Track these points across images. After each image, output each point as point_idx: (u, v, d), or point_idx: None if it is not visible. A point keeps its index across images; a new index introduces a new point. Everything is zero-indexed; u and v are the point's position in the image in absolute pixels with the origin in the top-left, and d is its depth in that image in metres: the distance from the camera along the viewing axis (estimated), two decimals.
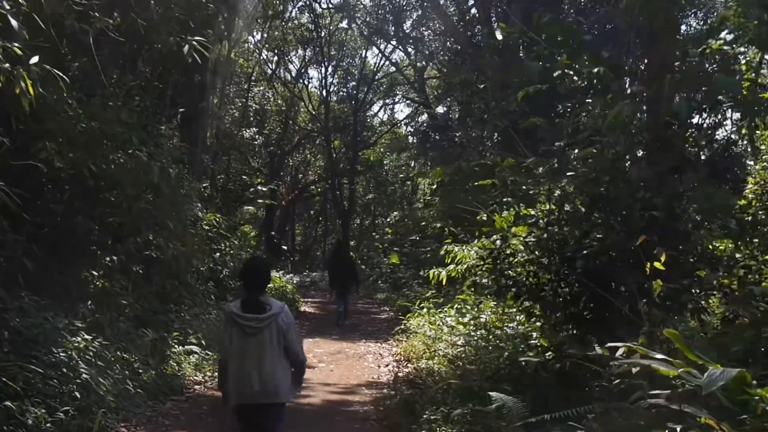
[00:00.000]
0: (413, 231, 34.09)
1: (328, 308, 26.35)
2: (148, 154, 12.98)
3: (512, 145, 28.94)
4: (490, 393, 7.66)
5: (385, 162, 50.55)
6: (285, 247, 44.65)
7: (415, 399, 10.76)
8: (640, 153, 9.67)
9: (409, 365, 14.88)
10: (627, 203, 8.62)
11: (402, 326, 18.21)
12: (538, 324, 12.04)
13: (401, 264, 32.41)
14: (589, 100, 10.43)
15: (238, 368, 6.54)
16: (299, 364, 6.90)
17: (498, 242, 10.65)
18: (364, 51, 47.59)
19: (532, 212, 10.14)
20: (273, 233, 41.60)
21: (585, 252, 8.52)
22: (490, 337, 13.68)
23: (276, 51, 42.83)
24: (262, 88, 40.41)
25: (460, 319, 15.71)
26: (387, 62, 46.62)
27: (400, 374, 14.12)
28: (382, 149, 50.30)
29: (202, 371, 13.25)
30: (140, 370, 11.28)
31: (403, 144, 50.49)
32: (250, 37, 38.27)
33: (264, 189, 25.02)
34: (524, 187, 9.79)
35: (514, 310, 13.85)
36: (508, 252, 10.38)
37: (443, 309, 17.16)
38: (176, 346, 13.24)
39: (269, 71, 43.75)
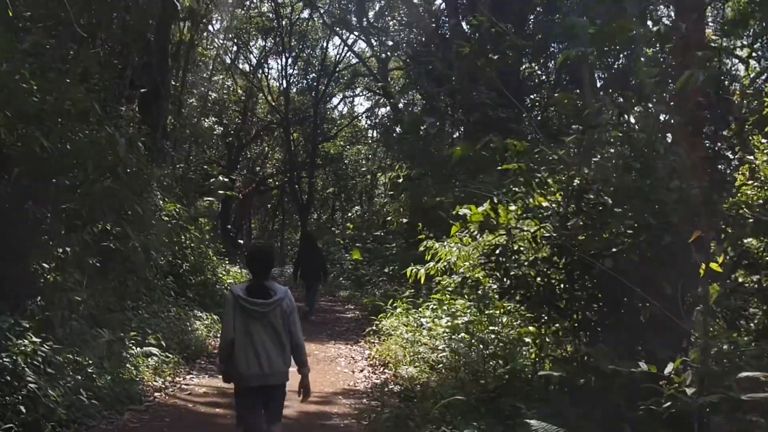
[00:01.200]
0: (377, 226, 32.97)
1: None
2: (114, 125, 11.68)
3: (480, 138, 28.25)
4: (530, 422, 6.51)
5: (344, 155, 49.40)
6: (241, 241, 43.45)
7: (407, 414, 9.64)
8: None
9: (386, 371, 13.79)
10: (661, 194, 7.54)
11: (374, 327, 17.07)
12: (531, 328, 11.12)
13: (364, 260, 31.25)
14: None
15: (244, 351, 6.73)
16: (300, 346, 7.02)
17: (503, 238, 9.51)
18: (325, 41, 46.48)
19: (545, 204, 8.93)
20: (229, 227, 40.52)
21: (614, 250, 7.43)
22: (473, 341, 12.67)
23: (236, 40, 41.72)
24: (221, 77, 39.10)
25: (436, 320, 14.72)
26: (349, 53, 45.78)
27: (378, 381, 13.06)
28: (342, 142, 49.14)
29: (162, 375, 12.04)
30: (95, 375, 10.03)
31: (363, 137, 49.67)
32: (210, 27, 37.36)
33: (225, 179, 23.71)
34: (538, 176, 8.61)
35: (499, 312, 12.99)
36: (514, 249, 9.24)
37: (418, 309, 16.13)
38: (134, 347, 12.00)
39: (228, 60, 42.60)
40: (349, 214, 45.10)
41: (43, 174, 10.18)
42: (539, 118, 33.61)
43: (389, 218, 29.96)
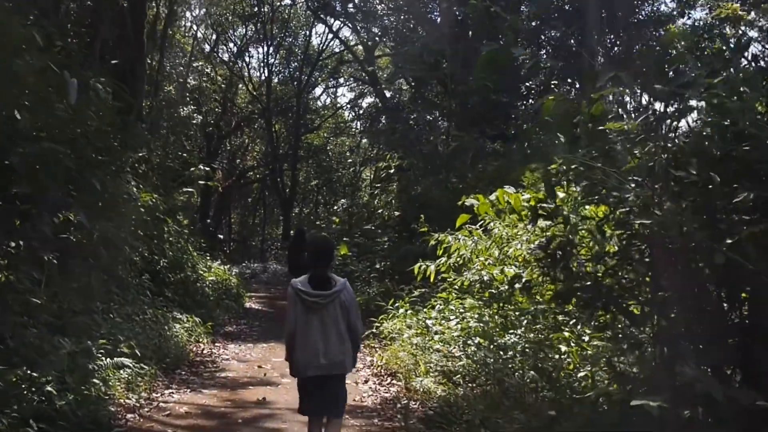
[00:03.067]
0: (366, 220, 31.19)
1: (277, 304, 23.43)
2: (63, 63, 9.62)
3: (473, 126, 26.68)
4: None
5: (328, 147, 47.70)
6: (221, 236, 41.81)
7: None
8: None
9: (395, 382, 12.03)
10: None
11: (373, 330, 15.34)
12: (567, 333, 9.50)
13: (352, 256, 29.43)
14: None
15: (304, 342, 6.91)
16: (356, 338, 7.27)
17: (560, 228, 7.74)
18: (308, 29, 44.75)
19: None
20: (208, 221, 38.92)
21: (729, 241, 5.62)
22: (492, 347, 11.03)
23: (215, 28, 40.10)
24: (200, 63, 37.33)
25: (443, 322, 13.07)
26: (333, 42, 44.28)
27: (387, 395, 11.31)
28: (325, 134, 47.43)
29: (136, 391, 10.20)
30: (54, 395, 8.21)
31: (347, 129, 48.21)
32: (188, 13, 35.80)
33: (206, 169, 21.89)
34: (610, 147, 6.80)
35: (517, 313, 11.43)
36: (575, 241, 7.44)
37: (422, 309, 14.48)
38: (103, 357, 10.12)
39: (207, 48, 41.03)
40: (335, 208, 43.32)
41: None
42: (533, 107, 32.29)
43: (380, 211, 28.20)
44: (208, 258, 21.99)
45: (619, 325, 7.14)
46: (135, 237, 13.02)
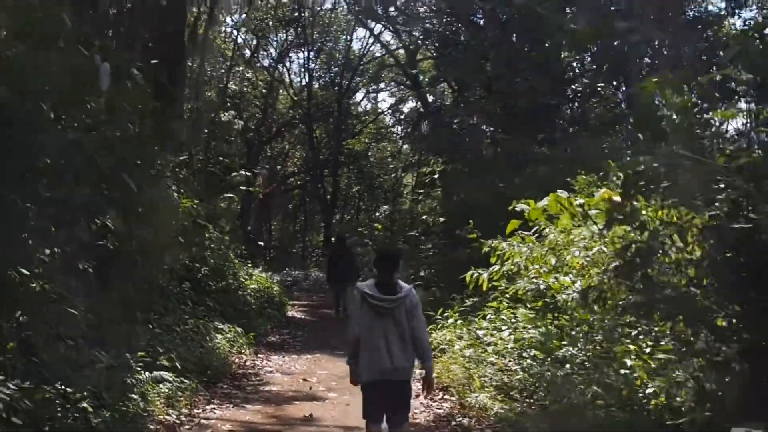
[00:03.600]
0: (410, 226, 30.61)
1: (319, 312, 22.95)
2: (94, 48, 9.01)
3: (519, 130, 26.05)
4: None
5: (369, 153, 47.11)
6: (261, 243, 41.35)
7: None
8: None
9: (447, 398, 11.43)
10: None
11: None
12: (632, 346, 8.87)
13: None
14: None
15: (369, 347, 6.98)
16: (422, 339, 7.19)
17: (636, 234, 7.10)
18: (349, 34, 44.43)
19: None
20: (249, 228, 38.53)
21: None
22: (547, 360, 10.42)
23: (256, 33, 39.77)
24: (241, 68, 36.95)
25: (496, 333, 12.46)
26: (374, 46, 43.79)
27: (440, 411, 10.72)
28: (366, 139, 46.85)
29: (176, 407, 9.69)
30: (89, 413, 7.69)
31: (388, 134, 47.70)
32: (228, 18, 35.50)
33: (248, 174, 21.36)
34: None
35: (574, 324, 10.81)
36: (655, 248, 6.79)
37: (473, 319, 13.87)
38: (142, 371, 9.60)
39: (248, 53, 40.70)
40: (377, 214, 42.76)
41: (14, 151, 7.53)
42: (579, 110, 31.68)
43: (423, 217, 27.60)
44: (250, 265, 21.48)
45: (704, 340, 6.51)
46: (176, 244, 12.51)
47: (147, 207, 10.33)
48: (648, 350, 8.59)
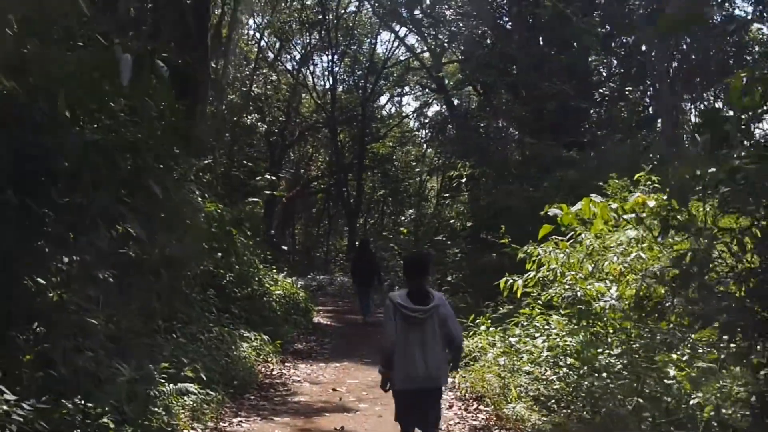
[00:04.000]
0: (438, 230, 30.13)
1: (346, 318, 22.52)
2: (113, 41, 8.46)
3: (547, 133, 25.61)
4: None
5: (394, 157, 46.71)
6: (285, 248, 40.99)
7: None
8: None
9: (482, 408, 11.00)
10: None
11: None
12: (674, 355, 8.41)
13: None
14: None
15: (404, 355, 7.00)
16: (459, 346, 7.39)
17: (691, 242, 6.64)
18: (374, 36, 44.19)
19: None
20: (272, 232, 38.21)
21: None
22: (584, 369, 9.98)
23: (279, 35, 39.52)
24: (264, 70, 36.64)
25: (529, 341, 12.02)
26: (398, 49, 43.59)
27: (476, 423, 10.28)
28: (391, 143, 46.44)
29: (201, 421, 9.29)
30: (111, 427, 7.31)
31: (413, 138, 47.34)
32: (251, 21, 35.25)
33: (273, 178, 20.88)
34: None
35: (602, 332, 10.36)
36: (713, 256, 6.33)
37: (506, 327, 13.47)
38: (165, 383, 9.19)
39: (271, 56, 40.45)
40: (402, 218, 42.36)
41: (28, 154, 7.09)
42: (606, 113, 31.29)
43: (450, 221, 27.12)
44: (274, 270, 21.06)
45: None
46: (200, 251, 12.11)
47: (171, 213, 9.93)
48: (686, 359, 8.21)
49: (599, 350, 10.02)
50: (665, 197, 11.16)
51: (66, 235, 7.96)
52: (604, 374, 9.40)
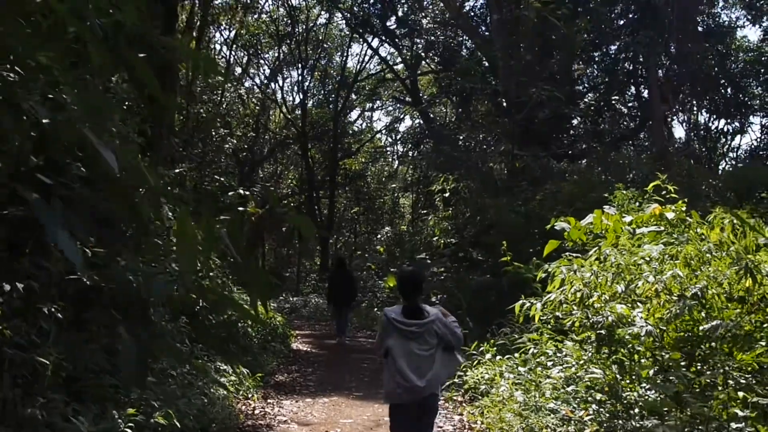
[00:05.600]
0: (419, 248, 28.60)
1: (326, 344, 20.92)
2: None
3: (535, 145, 24.32)
4: None
5: (367, 173, 45.30)
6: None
7: None
8: None
9: None
10: None
11: (455, 380, 12.81)
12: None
13: None
14: None
15: (400, 370, 6.90)
16: (457, 336, 7.18)
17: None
18: (345, 49, 42.97)
19: None
20: None
21: None
22: (618, 405, 8.54)
23: (248, 48, 38.14)
24: (233, 84, 35.12)
25: (540, 370, 10.77)
26: (371, 61, 42.51)
27: None
28: (363, 159, 45.05)
29: None
30: None
31: (385, 154, 46.15)
32: (218, 34, 33.88)
33: (246, 193, 19.12)
34: None
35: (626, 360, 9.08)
36: None
37: (511, 353, 12.36)
38: None
39: (240, 70, 39.00)
40: (378, 236, 40.87)
41: None
42: (591, 124, 30.33)
43: (435, 238, 25.60)
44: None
45: None
46: (171, 273, 10.39)
47: (137, 230, 8.29)
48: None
49: (634, 383, 8.70)
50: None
51: (8, 254, 6.37)
52: (636, 411, 8.09)
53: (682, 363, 8.39)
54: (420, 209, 38.29)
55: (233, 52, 38.76)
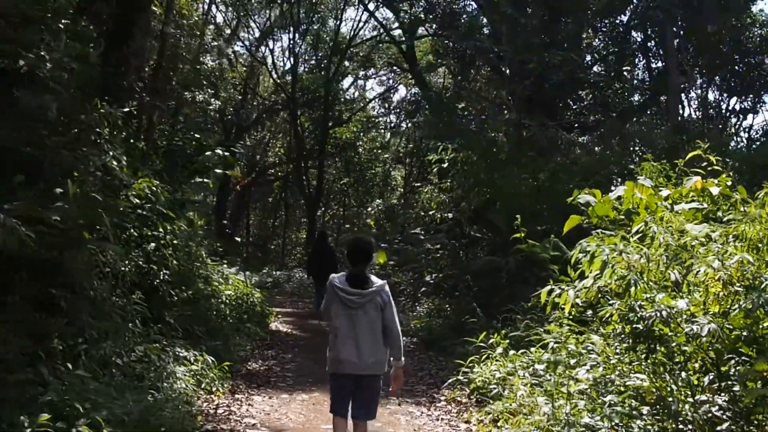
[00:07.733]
0: (413, 222, 26.77)
1: (309, 325, 18.97)
2: None
3: (541, 114, 22.45)
4: None
5: (358, 143, 43.24)
6: (238, 239, 37.64)
7: None
8: None
9: None
10: None
11: (460, 377, 10.92)
12: None
13: (395, 265, 24.80)
14: None
15: (339, 339, 6.86)
16: (395, 335, 7.02)
17: None
18: (340, 12, 41.00)
19: None
20: (225, 222, 34.89)
21: None
22: (663, 413, 7.00)
23: (236, 10, 37.35)
24: (219, 42, 32.99)
25: (563, 370, 8.76)
26: (364, 27, 41.57)
27: None
28: (355, 128, 42.99)
29: None
30: None
31: (378, 125, 44.31)
32: None
33: (225, 153, 16.84)
34: None
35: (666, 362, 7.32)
36: None
37: (525, 349, 10.45)
38: None
39: (228, 31, 36.95)
40: (368, 209, 39.05)
41: None
42: (600, 94, 28.64)
43: (431, 213, 23.73)
44: (224, 265, 17.36)
45: None
46: (108, 236, 8.29)
47: (59, 178, 6.29)
48: None
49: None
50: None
51: None
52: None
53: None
54: (413, 182, 36.56)
55: (222, 14, 37.11)
